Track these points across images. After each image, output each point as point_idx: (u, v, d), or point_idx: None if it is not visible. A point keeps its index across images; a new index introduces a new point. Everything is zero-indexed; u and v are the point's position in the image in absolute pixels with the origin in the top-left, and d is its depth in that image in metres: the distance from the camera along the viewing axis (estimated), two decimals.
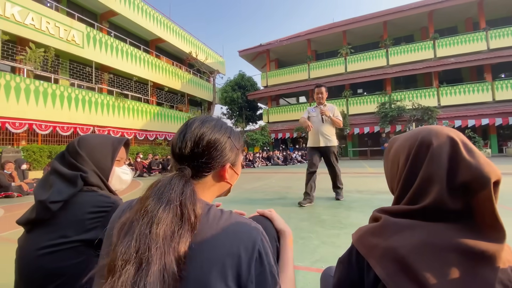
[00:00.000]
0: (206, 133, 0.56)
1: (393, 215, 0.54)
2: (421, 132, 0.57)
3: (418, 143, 0.54)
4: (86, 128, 10.65)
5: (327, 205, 3.15)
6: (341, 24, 18.67)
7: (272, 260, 0.50)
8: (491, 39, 14.93)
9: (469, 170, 0.48)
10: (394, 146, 0.63)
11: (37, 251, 0.70)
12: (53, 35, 9.86)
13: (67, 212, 0.74)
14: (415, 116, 14.77)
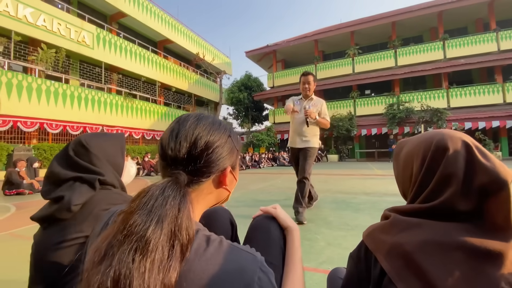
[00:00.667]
0: (203, 132, 0.49)
1: (402, 213, 0.56)
2: (435, 136, 0.57)
3: (435, 147, 0.55)
4: (95, 128, 10.83)
5: (334, 206, 3.13)
6: (348, 25, 18.50)
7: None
8: (501, 40, 14.59)
9: (486, 173, 0.49)
10: (405, 149, 0.64)
11: (54, 246, 0.72)
12: (64, 36, 10.07)
13: (83, 210, 0.76)
14: (424, 117, 14.54)
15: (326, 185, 5.14)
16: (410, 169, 0.60)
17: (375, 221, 0.59)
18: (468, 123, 13.90)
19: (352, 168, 9.76)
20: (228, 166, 0.52)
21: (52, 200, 0.78)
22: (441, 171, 0.52)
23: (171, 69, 15.59)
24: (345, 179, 6.08)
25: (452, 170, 0.51)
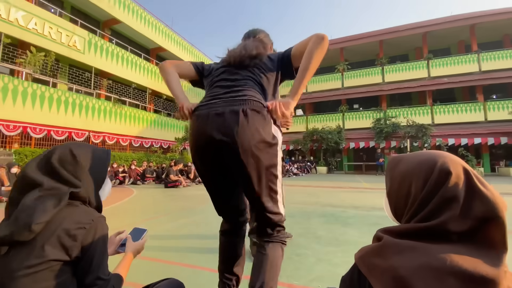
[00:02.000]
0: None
1: (395, 235, 0.56)
2: (437, 158, 0.58)
3: (438, 170, 0.55)
4: (81, 133, 10.55)
5: (323, 220, 3.13)
6: (338, 42, 19.18)
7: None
8: (482, 61, 15.46)
9: (485, 200, 0.51)
10: (401, 167, 0.63)
11: (13, 274, 0.64)
12: (55, 40, 9.92)
13: (44, 230, 0.67)
14: (410, 133, 15.02)
15: (316, 198, 5.16)
16: (407, 188, 0.60)
17: (364, 236, 0.59)
18: (452, 139, 14.45)
19: (340, 181, 9.87)
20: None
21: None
22: (442, 194, 0.53)
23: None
24: (334, 192, 6.13)
25: (453, 194, 0.52)
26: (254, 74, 1.08)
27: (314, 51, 0.96)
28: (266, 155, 0.95)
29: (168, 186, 7.30)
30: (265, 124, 0.95)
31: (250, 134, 0.91)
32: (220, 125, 0.93)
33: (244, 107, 0.93)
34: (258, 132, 0.92)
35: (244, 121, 0.91)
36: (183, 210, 3.95)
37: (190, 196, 5.71)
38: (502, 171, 13.53)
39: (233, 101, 0.96)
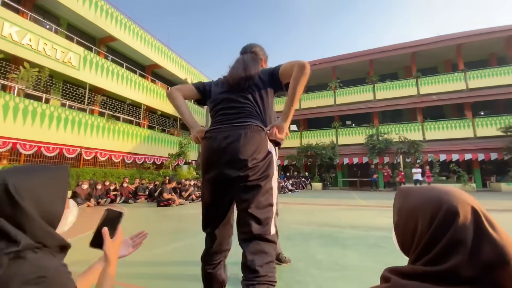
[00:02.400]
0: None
1: (404, 276, 0.55)
2: (444, 197, 0.57)
3: (445, 211, 0.54)
4: (73, 149, 10.34)
5: (322, 242, 3.05)
6: (330, 60, 19.81)
7: None
8: (469, 79, 16.09)
9: (494, 245, 0.49)
10: (409, 202, 0.63)
11: None
12: (50, 56, 9.93)
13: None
14: (402, 149, 15.24)
15: (313, 216, 5.07)
16: (414, 224, 0.59)
17: (364, 259, 0.57)
18: (443, 155, 14.69)
19: (336, 198, 9.81)
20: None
21: None
22: (450, 237, 0.52)
23: (158, 93, 15.61)
24: (330, 210, 6.05)
25: (460, 237, 0.51)
26: (250, 97, 1.22)
27: (299, 80, 1.12)
28: (263, 165, 1.11)
29: (161, 205, 7.10)
30: (261, 141, 1.13)
31: (250, 149, 1.09)
32: (227, 144, 1.12)
33: (246, 130, 1.12)
34: (256, 147, 1.10)
35: (244, 140, 1.10)
36: (177, 232, 3.81)
37: (183, 216, 5.54)
38: (493, 187, 13.72)
39: (236, 126, 1.14)
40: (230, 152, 1.10)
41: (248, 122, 1.14)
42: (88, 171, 10.22)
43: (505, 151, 13.45)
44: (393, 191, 14.22)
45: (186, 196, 8.34)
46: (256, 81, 1.23)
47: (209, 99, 1.35)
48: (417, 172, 13.33)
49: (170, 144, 15.67)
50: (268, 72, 1.25)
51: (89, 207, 7.07)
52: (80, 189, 7.20)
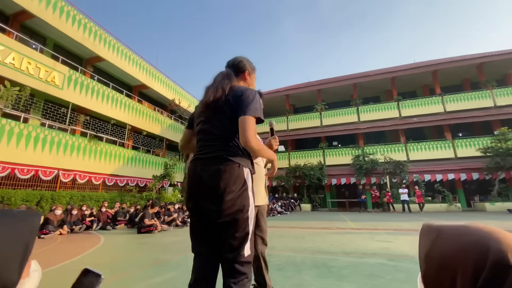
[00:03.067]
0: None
1: None
2: (490, 242, 0.42)
3: (491, 264, 0.39)
4: (49, 171, 9.73)
5: (316, 273, 2.84)
6: (316, 84, 20.54)
7: None
8: (446, 103, 16.98)
9: None
10: (441, 248, 0.48)
11: None
12: (32, 75, 9.65)
13: None
14: (388, 169, 15.48)
15: (304, 242, 4.85)
16: (450, 279, 0.44)
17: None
18: (427, 175, 15.00)
19: (326, 220, 9.60)
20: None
21: None
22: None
23: (144, 113, 15.37)
24: (321, 234, 5.84)
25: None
26: (221, 124, 1.24)
27: (257, 155, 1.23)
28: (238, 198, 1.14)
29: (142, 231, 6.63)
30: (234, 175, 1.15)
31: (223, 184, 1.13)
32: (204, 178, 1.17)
33: (219, 166, 1.16)
34: (228, 182, 1.13)
35: (218, 176, 1.14)
36: (157, 264, 3.47)
37: (166, 244, 5.16)
38: (478, 206, 13.99)
39: (212, 161, 1.19)
40: (206, 187, 1.16)
41: (222, 155, 1.18)
42: (64, 195, 9.58)
43: (485, 171, 13.91)
44: (382, 212, 14.19)
45: (169, 221, 7.88)
46: (224, 107, 1.23)
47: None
48: (403, 192, 13.45)
49: (155, 166, 15.17)
50: (236, 105, 1.21)
51: (61, 234, 6.48)
52: (52, 215, 6.64)
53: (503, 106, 15.93)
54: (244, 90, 1.24)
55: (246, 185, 1.18)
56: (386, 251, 3.92)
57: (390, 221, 8.69)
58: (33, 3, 10.08)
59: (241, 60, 1.45)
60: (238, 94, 1.23)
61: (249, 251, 1.17)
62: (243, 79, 1.43)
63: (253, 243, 1.24)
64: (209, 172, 1.16)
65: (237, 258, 1.14)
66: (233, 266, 1.14)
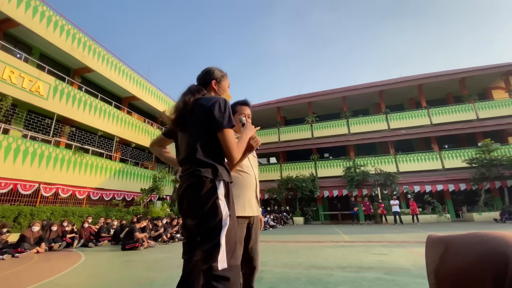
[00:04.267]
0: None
1: None
2: (506, 249, 0.36)
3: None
4: (30, 185, 9.23)
5: None
6: (306, 96, 20.88)
7: None
8: (432, 115, 17.49)
9: None
10: (455, 262, 0.41)
11: None
12: (15, 84, 9.32)
13: None
14: (379, 180, 15.56)
15: (298, 257, 4.65)
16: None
17: None
18: (417, 186, 15.16)
19: (319, 233, 9.42)
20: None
21: None
22: None
23: (134, 125, 15.07)
24: (315, 248, 5.66)
25: None
26: (190, 134, 1.28)
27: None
28: (209, 212, 1.15)
29: (127, 248, 6.26)
30: (205, 191, 1.17)
31: (195, 200, 1.18)
32: (181, 194, 1.25)
33: (192, 180, 1.20)
34: (199, 198, 1.17)
35: (191, 191, 1.20)
36: (141, 283, 3.20)
37: (151, 262, 4.85)
38: (466, 216, 14.14)
39: (187, 176, 1.23)
40: (184, 203, 1.23)
41: (192, 171, 1.21)
42: (45, 210, 9.05)
43: (472, 182, 14.19)
44: (374, 224, 14.11)
45: (155, 236, 7.51)
46: (190, 121, 1.27)
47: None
48: (395, 204, 13.47)
49: (143, 179, 14.72)
50: (206, 115, 1.24)
51: (38, 253, 6.03)
52: (29, 231, 6.20)
53: (484, 119, 16.54)
54: (211, 102, 1.26)
55: (216, 195, 1.17)
56: (382, 264, 3.79)
57: (383, 233, 8.60)
58: (18, 11, 9.89)
59: (207, 71, 1.47)
60: (205, 107, 1.26)
61: (224, 264, 1.10)
62: (212, 90, 1.45)
63: (235, 257, 1.15)
64: (183, 188, 1.22)
65: (209, 270, 1.09)
66: (206, 280, 1.10)
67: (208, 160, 1.22)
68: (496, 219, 11.85)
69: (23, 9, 10.04)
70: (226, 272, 1.09)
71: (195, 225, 1.18)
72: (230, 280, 1.09)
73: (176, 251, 6.09)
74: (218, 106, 1.24)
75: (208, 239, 1.14)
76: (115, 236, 7.87)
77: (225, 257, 1.11)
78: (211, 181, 1.19)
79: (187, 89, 1.38)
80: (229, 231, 1.16)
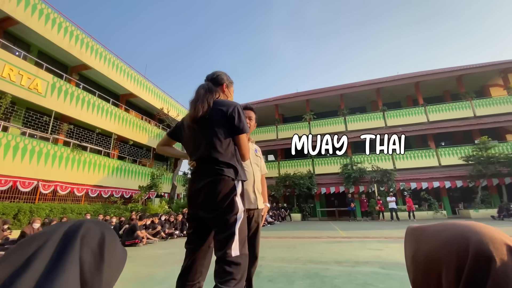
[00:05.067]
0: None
1: None
2: (469, 235, 0.41)
3: (473, 256, 0.39)
4: (28, 182, 9.26)
5: (308, 284, 2.75)
6: (304, 94, 20.88)
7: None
8: (429, 113, 17.61)
9: None
10: (425, 247, 0.46)
11: None
12: (14, 82, 9.30)
13: None
14: (375, 177, 15.69)
15: (295, 252, 4.75)
16: (436, 279, 0.43)
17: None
18: (414, 183, 15.30)
19: (316, 230, 9.53)
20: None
21: None
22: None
23: (131, 122, 15.06)
24: (312, 244, 5.76)
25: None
26: (208, 134, 1.36)
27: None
28: (228, 206, 1.28)
29: (126, 244, 6.33)
30: (224, 186, 1.29)
31: (215, 195, 1.28)
32: (199, 190, 1.33)
33: (211, 178, 1.31)
34: (219, 193, 1.28)
35: (210, 188, 1.30)
36: (141, 279, 3.28)
37: (151, 257, 4.93)
38: (462, 213, 14.32)
39: (205, 174, 1.33)
40: (201, 197, 1.31)
41: (213, 168, 1.32)
42: (44, 207, 9.11)
43: (468, 179, 14.35)
44: (371, 220, 14.28)
45: (153, 233, 7.58)
46: (211, 122, 1.36)
47: (182, 141, 1.55)
48: (391, 200, 13.61)
49: (141, 176, 14.76)
50: (225, 119, 1.36)
51: None
52: (30, 228, 6.24)
53: (482, 116, 16.68)
54: (230, 108, 1.37)
55: (235, 193, 1.31)
56: (378, 259, 3.89)
57: (380, 229, 8.73)
58: (17, 9, 9.83)
59: (219, 74, 1.58)
60: (224, 111, 1.37)
61: (237, 252, 1.24)
62: (221, 91, 1.56)
63: (245, 247, 1.30)
64: (203, 183, 1.30)
65: (224, 256, 1.22)
66: (220, 265, 1.23)
67: (230, 162, 1.35)
68: (494, 216, 11.88)
69: (22, 7, 9.98)
70: (238, 258, 1.24)
71: (214, 218, 1.29)
72: (241, 265, 1.24)
73: (175, 247, 6.17)
74: (237, 113, 1.37)
75: (225, 229, 1.26)
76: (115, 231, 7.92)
77: (238, 246, 1.26)
78: (232, 180, 1.33)
79: (206, 88, 1.45)
80: (242, 224, 1.31)
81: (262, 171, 2.11)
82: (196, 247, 1.36)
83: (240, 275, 1.23)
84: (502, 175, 13.88)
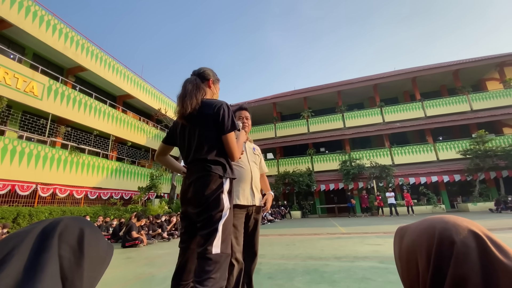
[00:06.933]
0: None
1: None
2: (436, 225, 0.47)
3: (438, 241, 0.44)
4: (27, 186, 9.24)
5: (308, 279, 2.77)
6: (301, 91, 20.90)
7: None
8: (426, 108, 17.67)
9: (510, 277, 0.39)
10: (405, 241, 0.52)
11: None
12: (9, 85, 9.25)
13: None
14: (374, 173, 15.76)
15: (295, 249, 4.78)
16: (415, 268, 0.47)
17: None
18: (412, 178, 15.39)
19: (316, 226, 9.58)
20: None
21: None
22: (452, 273, 0.41)
23: (129, 123, 15.02)
24: (312, 240, 5.79)
25: (464, 271, 0.40)
26: (198, 132, 1.38)
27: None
28: (214, 201, 1.28)
29: (126, 246, 6.34)
30: (211, 183, 1.30)
31: (202, 191, 1.30)
32: (188, 187, 1.37)
33: (198, 175, 1.34)
34: (206, 188, 1.29)
35: (197, 184, 1.32)
36: (142, 278, 3.30)
37: (152, 258, 4.94)
38: (461, 207, 14.42)
39: (193, 171, 1.37)
40: (190, 193, 1.34)
41: (202, 165, 1.34)
42: (43, 210, 9.08)
43: (466, 173, 14.44)
44: (370, 216, 14.35)
45: (154, 235, 7.59)
46: (200, 118, 1.37)
47: (177, 144, 1.56)
48: (390, 196, 13.68)
49: (140, 177, 14.75)
50: (213, 117, 1.36)
51: None
52: None
53: (478, 110, 16.76)
54: (217, 106, 1.38)
55: (221, 190, 1.31)
56: (377, 254, 3.92)
57: (379, 225, 8.78)
58: (11, 12, 9.77)
59: (205, 70, 1.58)
60: (213, 110, 1.37)
61: (217, 249, 1.22)
62: (208, 86, 1.55)
63: (227, 246, 1.28)
64: (192, 179, 1.33)
65: (204, 252, 1.21)
66: (199, 262, 1.22)
67: (219, 159, 1.36)
68: (492, 209, 11.97)
69: (16, 10, 9.91)
70: (218, 257, 1.22)
71: (198, 213, 1.29)
72: (220, 264, 1.22)
73: (175, 247, 6.18)
74: (224, 111, 1.37)
75: (208, 225, 1.26)
76: (114, 234, 7.93)
77: (219, 243, 1.24)
78: (220, 177, 1.33)
79: (194, 83, 1.45)
80: (226, 222, 1.29)
81: (262, 170, 2.14)
82: (188, 246, 1.37)
83: (219, 275, 1.19)
84: (500, 168, 13.98)
